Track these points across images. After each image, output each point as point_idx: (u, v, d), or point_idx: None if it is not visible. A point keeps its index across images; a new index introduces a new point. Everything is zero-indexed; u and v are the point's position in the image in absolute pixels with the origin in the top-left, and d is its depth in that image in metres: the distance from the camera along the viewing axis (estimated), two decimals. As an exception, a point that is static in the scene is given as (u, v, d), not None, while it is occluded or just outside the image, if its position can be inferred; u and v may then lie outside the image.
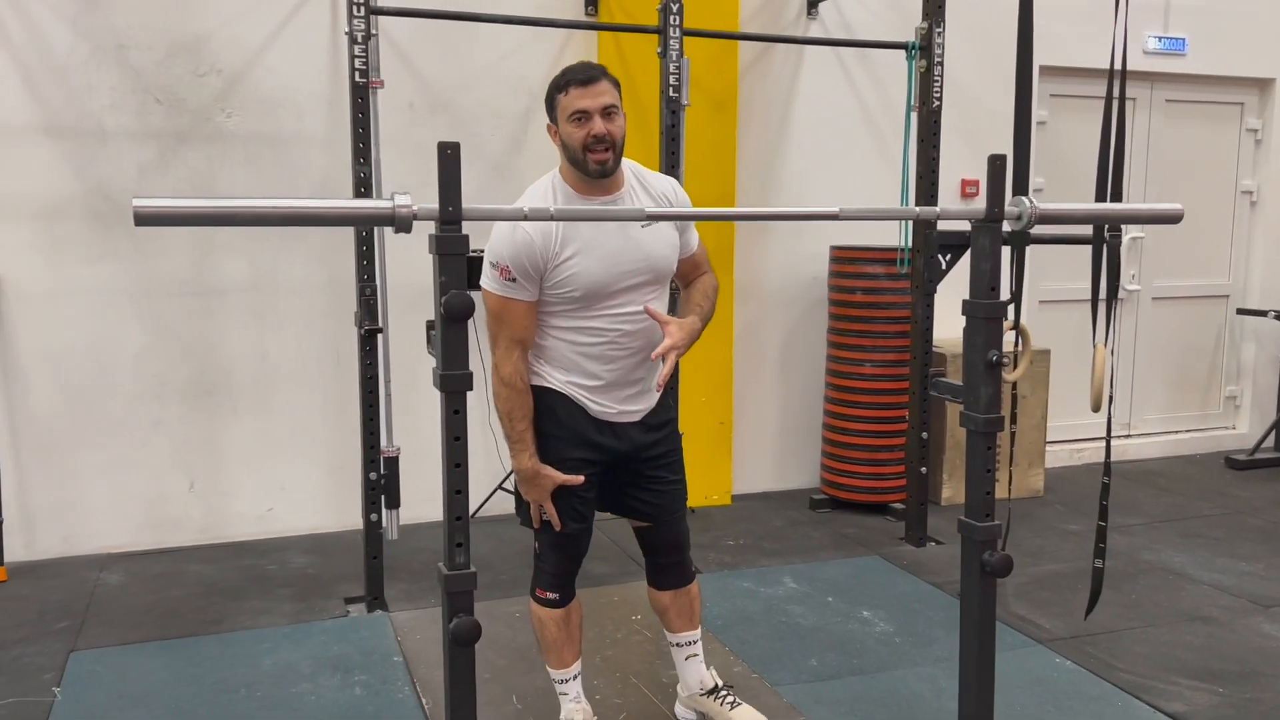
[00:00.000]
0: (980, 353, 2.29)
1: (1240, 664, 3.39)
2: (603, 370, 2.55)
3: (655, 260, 2.55)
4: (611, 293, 2.49)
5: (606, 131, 2.41)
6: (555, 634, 2.72)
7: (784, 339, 5.28)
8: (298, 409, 4.58)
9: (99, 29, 4.15)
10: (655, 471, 2.70)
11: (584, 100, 2.42)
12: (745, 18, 4.95)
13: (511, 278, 2.43)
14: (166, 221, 1.71)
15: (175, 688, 3.19)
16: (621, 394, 2.60)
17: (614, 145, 2.44)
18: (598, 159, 2.43)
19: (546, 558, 2.68)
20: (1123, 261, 5.93)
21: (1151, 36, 5.80)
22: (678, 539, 2.79)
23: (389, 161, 4.35)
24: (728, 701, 2.86)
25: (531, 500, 2.57)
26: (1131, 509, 5.11)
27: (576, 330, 2.52)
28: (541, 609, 2.72)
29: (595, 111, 2.41)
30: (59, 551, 4.31)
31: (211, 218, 1.79)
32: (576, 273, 2.45)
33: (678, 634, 2.88)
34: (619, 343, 2.54)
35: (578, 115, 2.42)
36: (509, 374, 2.49)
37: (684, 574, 2.84)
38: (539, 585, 2.71)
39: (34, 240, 4.15)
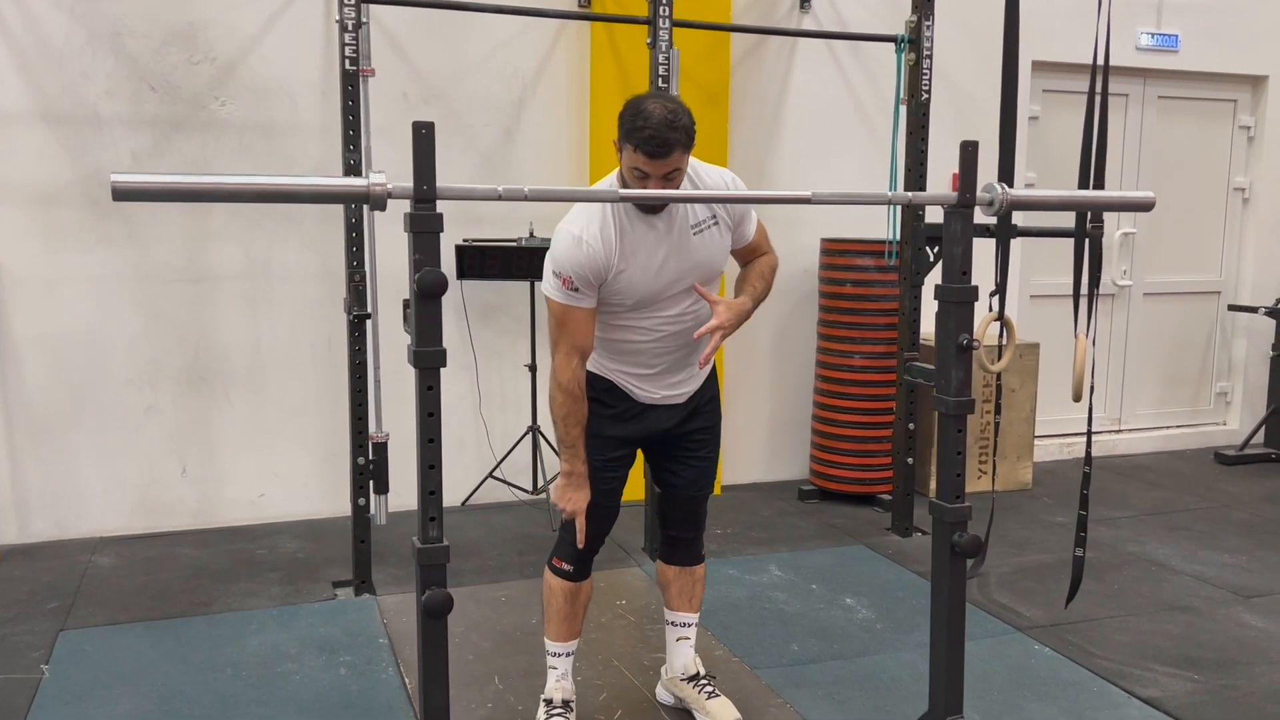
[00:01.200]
0: (951, 336, 2.33)
1: (1218, 652, 3.42)
2: (650, 361, 2.64)
3: (704, 268, 2.60)
4: (662, 300, 2.56)
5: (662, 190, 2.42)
6: (561, 605, 2.77)
7: (775, 331, 5.31)
8: (291, 396, 4.62)
9: (95, 16, 4.19)
10: (691, 447, 2.78)
11: (647, 167, 2.40)
12: (739, 10, 4.98)
13: (575, 288, 2.47)
14: (144, 196, 1.75)
15: (162, 667, 3.23)
16: (666, 380, 2.68)
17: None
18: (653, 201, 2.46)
19: (569, 527, 2.70)
20: (1114, 256, 5.96)
21: (1144, 33, 5.82)
22: (695, 516, 2.87)
23: (382, 151, 4.39)
24: (706, 690, 2.90)
25: (566, 507, 2.59)
26: (1119, 502, 5.13)
27: (626, 329, 2.60)
28: (555, 578, 2.77)
29: (656, 176, 2.41)
30: (52, 535, 4.35)
31: (187, 193, 1.82)
32: (628, 285, 2.51)
33: (675, 613, 2.92)
34: (666, 340, 2.62)
35: (639, 173, 2.42)
36: (567, 380, 2.52)
37: (694, 553, 2.90)
38: (557, 554, 2.77)
39: (29, 226, 4.19)
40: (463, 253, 4.54)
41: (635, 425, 2.69)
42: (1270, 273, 6.18)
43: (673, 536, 2.89)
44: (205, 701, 3.02)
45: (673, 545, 2.90)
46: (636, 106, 2.42)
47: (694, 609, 2.93)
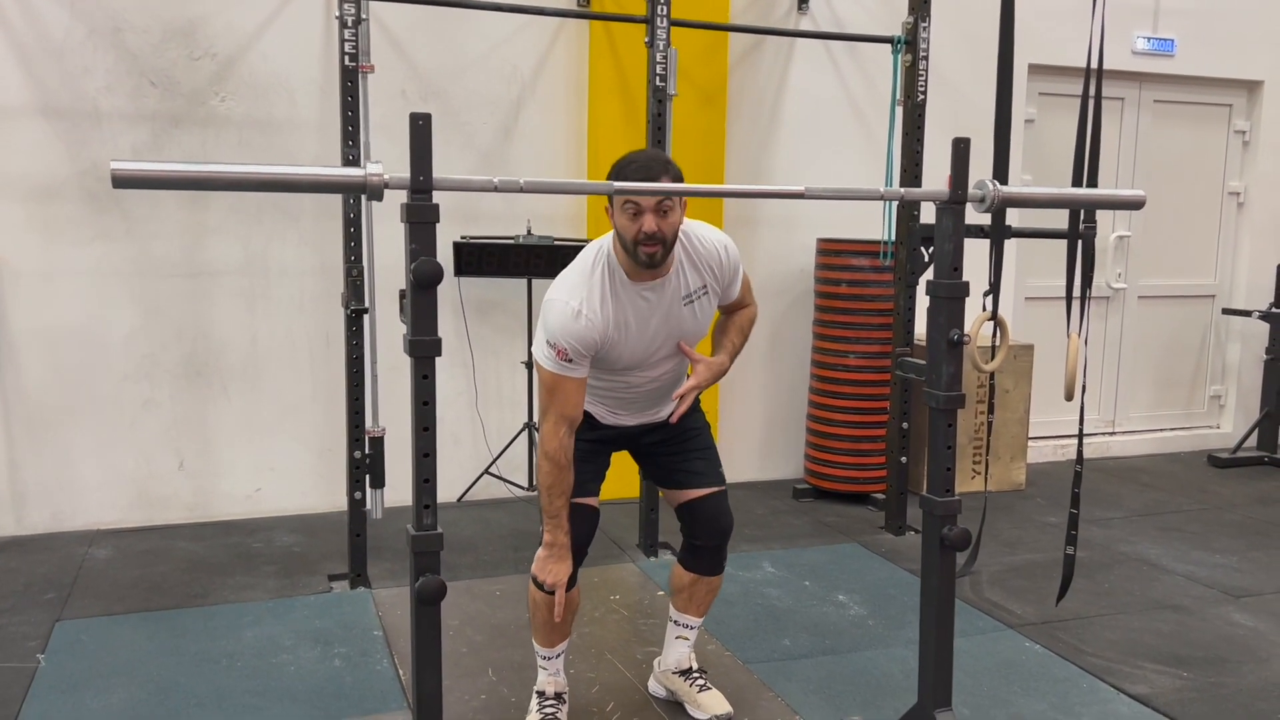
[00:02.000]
0: (942, 331, 2.35)
1: (1207, 650, 3.44)
2: (627, 404, 2.71)
3: (690, 335, 2.65)
4: (645, 363, 2.62)
5: (657, 229, 2.41)
6: (547, 616, 2.69)
7: (771, 330, 5.33)
8: (287, 391, 4.64)
9: (96, 11, 4.21)
10: (689, 441, 2.78)
11: (636, 199, 2.41)
12: (737, 11, 5.01)
13: (569, 359, 2.47)
14: (144, 184, 1.77)
15: (158, 657, 3.25)
16: (641, 414, 2.75)
17: (664, 241, 2.44)
18: (647, 251, 2.43)
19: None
20: (1109, 259, 5.99)
21: (1140, 37, 5.85)
22: (720, 520, 2.78)
23: (382, 148, 4.42)
24: (697, 684, 2.91)
25: (546, 580, 2.58)
26: (1112, 503, 5.16)
27: (608, 382, 2.66)
28: (538, 592, 2.68)
29: (648, 208, 2.40)
30: (48, 527, 4.37)
31: (187, 181, 1.85)
32: (618, 354, 2.55)
33: (681, 614, 2.93)
34: (645, 389, 2.68)
35: (630, 206, 2.41)
36: (554, 450, 2.51)
37: (716, 564, 2.85)
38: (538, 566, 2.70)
39: (28, 220, 4.21)
40: (460, 249, 4.56)
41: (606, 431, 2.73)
42: (1264, 276, 6.20)
43: (697, 546, 2.82)
44: (201, 692, 3.04)
45: (697, 554, 2.83)
46: (621, 159, 2.49)
47: (700, 614, 2.93)
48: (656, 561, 4.17)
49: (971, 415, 5.22)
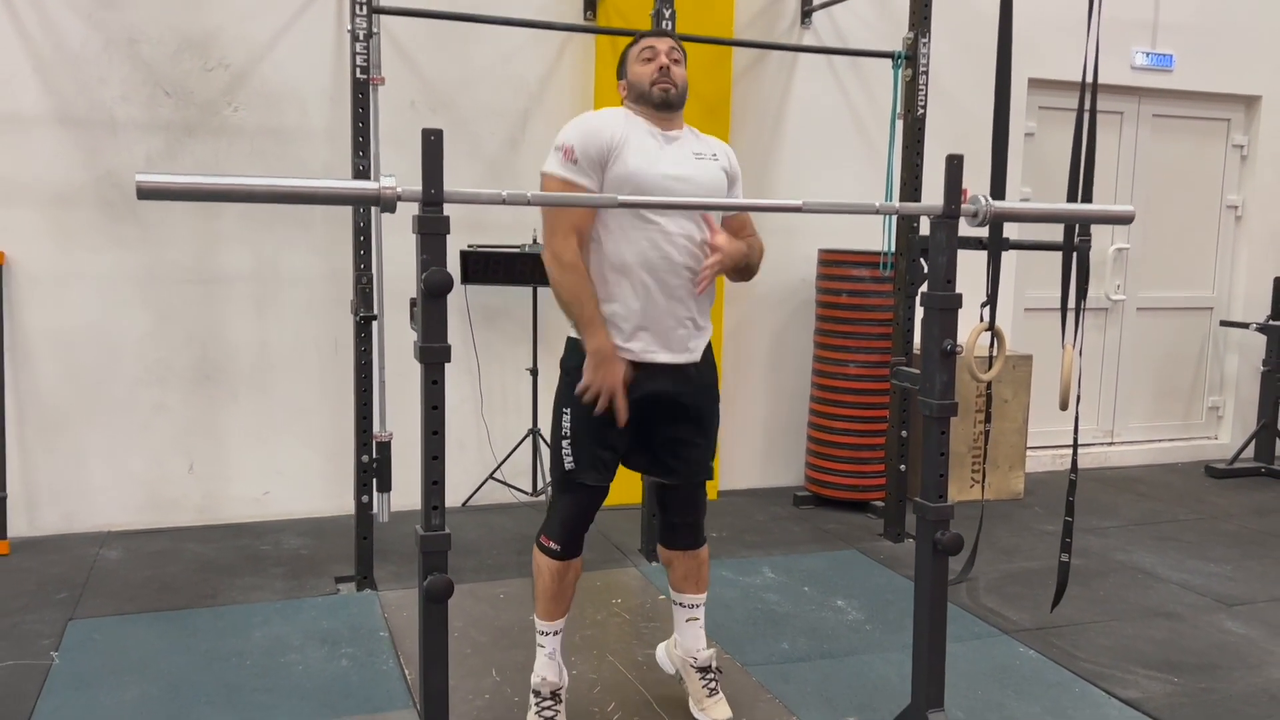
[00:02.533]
0: (936, 341, 2.42)
1: (1199, 657, 3.50)
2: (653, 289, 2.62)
3: (701, 184, 2.69)
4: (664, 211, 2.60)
5: (669, 65, 2.68)
6: (549, 583, 2.76)
7: (772, 339, 5.41)
8: (296, 396, 4.72)
9: (112, 23, 4.30)
10: (689, 433, 2.79)
11: (653, 41, 2.73)
12: (741, 25, 5.09)
13: (574, 159, 2.57)
14: (167, 196, 1.84)
15: (169, 655, 3.32)
16: (671, 322, 2.66)
17: (675, 83, 2.68)
18: (661, 87, 2.66)
19: (558, 506, 2.75)
20: (1108, 271, 6.05)
21: (1139, 52, 5.92)
22: (694, 501, 2.89)
23: (391, 158, 4.49)
24: (709, 686, 2.94)
25: (606, 386, 2.57)
26: (1109, 513, 5.22)
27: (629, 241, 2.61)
28: (542, 556, 2.76)
29: (662, 50, 2.70)
30: (60, 528, 4.44)
31: (210, 193, 1.92)
32: (630, 171, 2.58)
33: (682, 594, 2.96)
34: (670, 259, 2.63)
35: (647, 52, 2.71)
36: (571, 258, 2.57)
37: (695, 537, 2.92)
38: (545, 532, 2.76)
39: (44, 225, 4.29)
40: (467, 258, 4.64)
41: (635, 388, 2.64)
42: (1262, 289, 6.27)
43: (674, 523, 2.90)
44: (211, 689, 3.10)
45: (674, 530, 2.91)
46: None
47: (701, 589, 2.95)
48: (658, 566, 4.23)
49: (971, 424, 5.28)
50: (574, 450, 2.68)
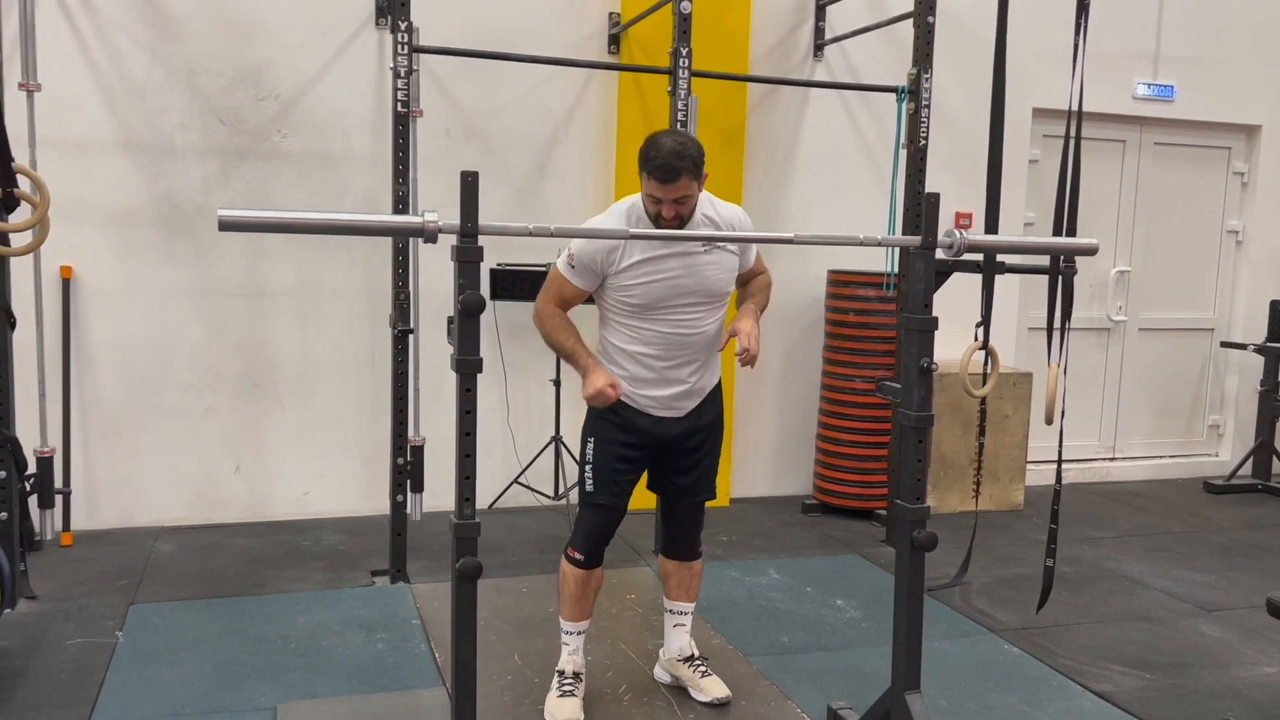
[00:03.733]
0: (914, 359, 2.70)
1: (1173, 657, 3.75)
2: (654, 365, 2.98)
3: (711, 284, 2.97)
4: (668, 307, 2.93)
5: (675, 215, 2.86)
6: (573, 589, 3.11)
7: (783, 355, 5.69)
8: (336, 403, 5.05)
9: (173, 57, 4.66)
10: (693, 457, 3.12)
11: (659, 192, 2.82)
12: (756, 59, 5.40)
13: (573, 265, 2.92)
14: (247, 228, 2.16)
15: (220, 637, 3.64)
16: (669, 390, 3.01)
17: (681, 219, 2.89)
18: (666, 224, 2.88)
19: (583, 521, 3.10)
20: (1109, 292, 6.30)
21: (1141, 83, 6.18)
22: (694, 517, 3.22)
23: (426, 181, 4.84)
24: (699, 670, 3.26)
25: (604, 385, 2.86)
26: (1104, 524, 5.45)
27: (636, 330, 2.96)
28: (569, 565, 3.12)
29: (666, 201, 2.83)
30: (118, 523, 4.79)
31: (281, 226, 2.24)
32: (638, 287, 2.90)
33: (673, 601, 3.29)
34: (671, 345, 2.97)
35: (653, 199, 2.85)
36: (546, 309, 2.98)
37: (692, 550, 3.25)
38: (571, 544, 3.12)
39: (108, 243, 4.65)
40: (496, 276, 4.96)
41: (642, 435, 3.04)
42: (1261, 311, 6.48)
43: (675, 535, 3.25)
44: (259, 667, 3.42)
45: (674, 542, 3.26)
46: (651, 141, 2.85)
47: (691, 599, 3.30)
48: (670, 566, 4.53)
49: (973, 439, 5.53)
50: (594, 475, 3.03)
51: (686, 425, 3.08)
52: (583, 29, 5.19)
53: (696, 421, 3.09)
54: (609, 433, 3.02)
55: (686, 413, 3.07)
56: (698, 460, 3.14)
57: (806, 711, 3.19)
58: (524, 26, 5.05)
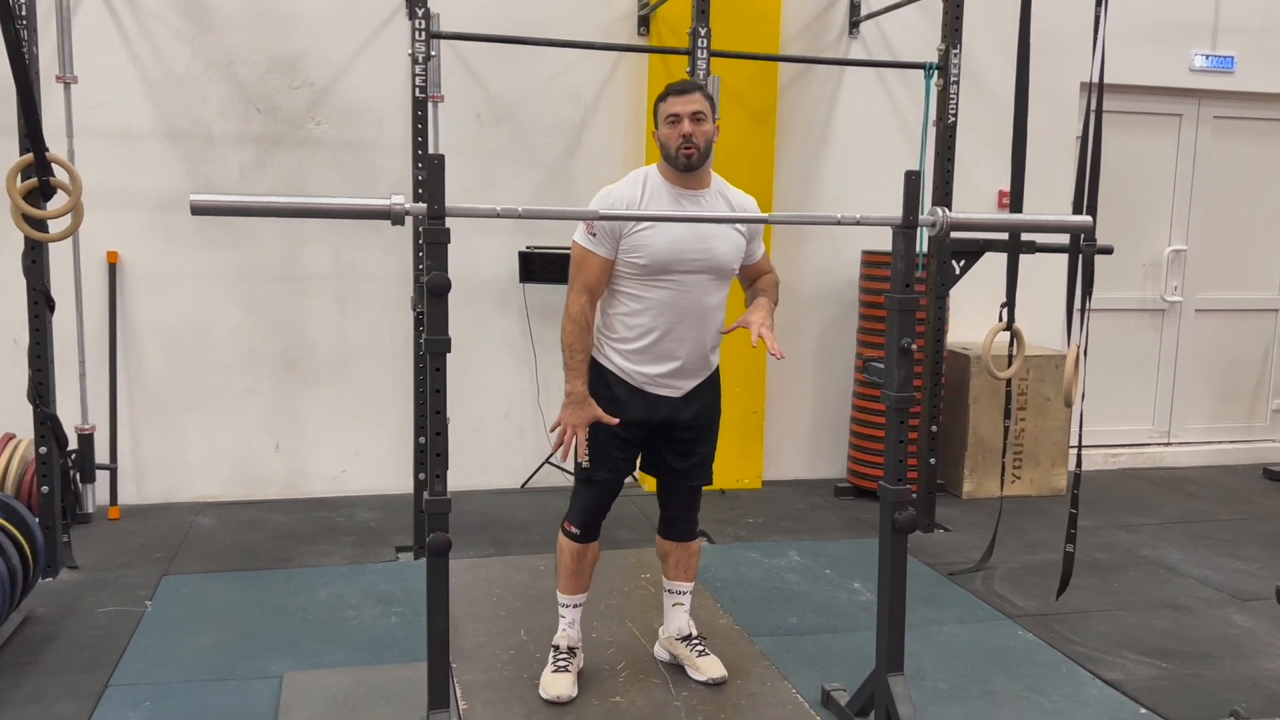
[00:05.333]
0: (895, 340, 2.68)
1: (1195, 646, 3.64)
2: (655, 340, 2.98)
3: (716, 254, 2.97)
4: (674, 270, 2.93)
5: (692, 133, 2.88)
6: (569, 562, 3.17)
7: (818, 337, 5.65)
8: (371, 383, 5.17)
9: (211, 48, 4.81)
10: (688, 443, 3.13)
11: (677, 106, 2.90)
12: (789, 37, 5.35)
13: (594, 233, 2.92)
14: (219, 212, 2.25)
15: (244, 608, 3.78)
16: (666, 366, 3.01)
17: (697, 146, 2.90)
18: (685, 153, 2.89)
19: (579, 495, 3.14)
20: (1164, 272, 6.10)
21: (1199, 54, 5.95)
22: (691, 500, 3.24)
23: (456, 166, 4.87)
24: (697, 649, 3.27)
25: (569, 424, 2.95)
26: (1149, 511, 5.30)
27: (638, 298, 2.96)
28: (564, 539, 3.17)
29: (685, 116, 2.89)
30: (163, 498, 4.99)
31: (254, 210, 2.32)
32: (648, 244, 2.90)
33: (672, 581, 3.31)
34: (672, 313, 2.96)
35: (671, 118, 2.91)
36: (576, 312, 2.95)
37: (689, 531, 3.27)
38: (568, 518, 3.17)
39: (151, 228, 4.83)
40: (526, 258, 5.02)
41: (639, 413, 3.04)
42: (1328, 291, 6.22)
43: (672, 517, 3.25)
44: (276, 638, 3.55)
45: (671, 524, 3.26)
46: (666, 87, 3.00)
47: (690, 578, 3.31)
48: (691, 547, 4.55)
49: (1012, 422, 5.43)
50: (591, 451, 3.04)
51: (683, 408, 3.08)
52: (614, 10, 5.21)
53: (693, 405, 3.09)
54: (606, 409, 3.02)
55: (684, 394, 3.07)
56: (694, 446, 3.14)
57: (802, 692, 3.19)
58: (554, 10, 5.09)
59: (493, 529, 4.74)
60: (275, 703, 3.09)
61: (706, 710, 3.07)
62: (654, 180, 2.98)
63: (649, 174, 3.01)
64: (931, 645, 3.60)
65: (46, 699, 3.08)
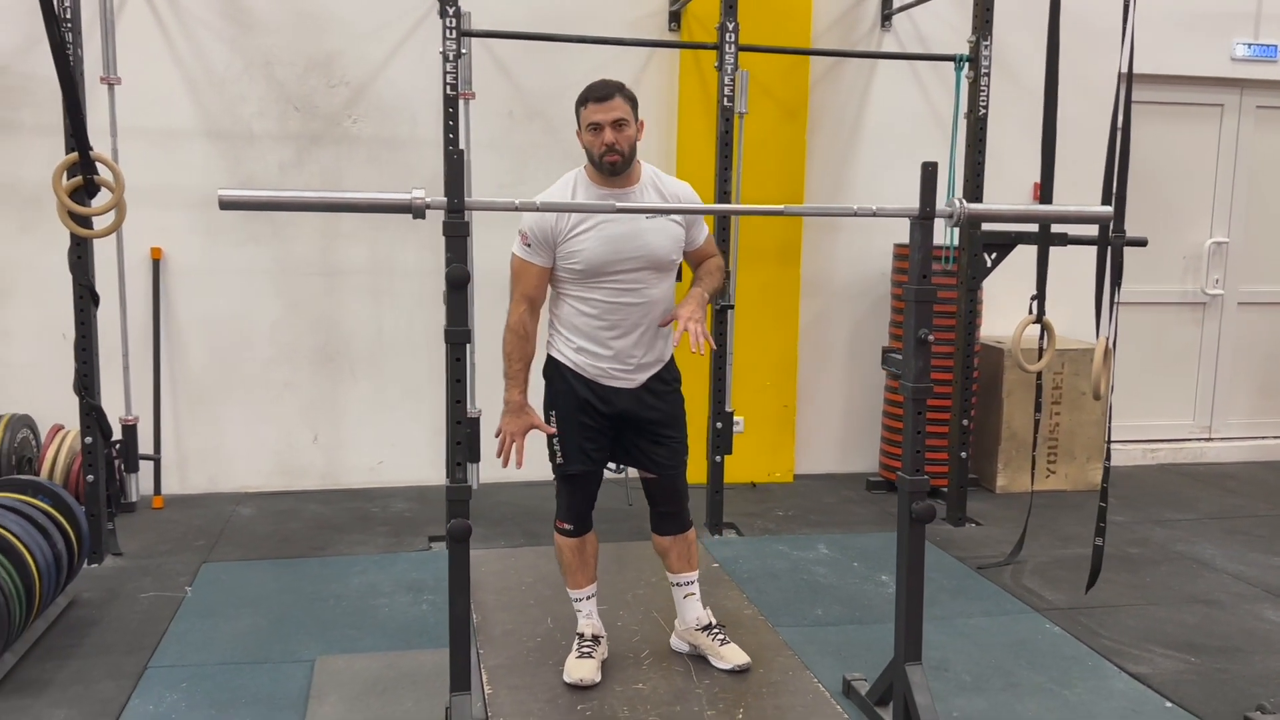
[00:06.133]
0: (913, 331, 2.69)
1: (1224, 641, 3.61)
2: (603, 337, 3.03)
3: (654, 250, 3.00)
4: (611, 271, 2.96)
5: (615, 140, 2.90)
6: (570, 559, 3.22)
7: (851, 331, 5.64)
8: (407, 376, 5.26)
9: (251, 48, 4.92)
10: (657, 430, 3.15)
11: (598, 114, 2.91)
12: (820, 30, 5.35)
13: (529, 244, 2.96)
14: (243, 206, 2.32)
15: (279, 595, 3.88)
16: (617, 364, 3.05)
17: (621, 152, 2.92)
18: (610, 160, 2.93)
19: (562, 494, 3.20)
20: (1205, 264, 6.01)
21: (1241, 43, 5.86)
22: (676, 491, 3.25)
23: (490, 162, 5.00)
24: (718, 638, 3.30)
25: (507, 431, 3.01)
26: (1186, 506, 5.24)
27: (581, 300, 3.01)
28: (560, 538, 3.23)
29: (606, 124, 2.90)
30: (206, 488, 5.12)
31: (281, 205, 2.39)
32: (582, 250, 2.94)
33: (677, 574, 3.34)
34: (617, 313, 3.00)
35: (593, 126, 2.92)
36: (515, 322, 3.00)
37: (681, 522, 3.29)
38: (558, 518, 3.23)
39: (193, 225, 4.96)
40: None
41: (595, 410, 3.08)
42: (1376, 284, 6.09)
43: (661, 512, 3.28)
44: (308, 623, 3.64)
45: (662, 519, 3.28)
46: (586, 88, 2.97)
47: (693, 568, 3.33)
48: (720, 539, 4.58)
49: (1047, 416, 5.39)
50: (563, 446, 3.09)
51: (643, 395, 3.10)
52: (645, 7, 5.24)
53: (651, 394, 3.11)
54: (568, 403, 3.07)
55: (640, 385, 3.09)
56: (662, 436, 3.15)
57: (824, 682, 3.21)
58: (586, 7, 5.13)
59: (525, 520, 4.80)
60: (307, 685, 3.17)
61: (728, 698, 3.10)
62: (582, 183, 3.01)
63: (578, 177, 3.03)
64: (956, 637, 3.60)
65: (89, 679, 3.19)
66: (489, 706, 3.01)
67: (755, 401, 5.34)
